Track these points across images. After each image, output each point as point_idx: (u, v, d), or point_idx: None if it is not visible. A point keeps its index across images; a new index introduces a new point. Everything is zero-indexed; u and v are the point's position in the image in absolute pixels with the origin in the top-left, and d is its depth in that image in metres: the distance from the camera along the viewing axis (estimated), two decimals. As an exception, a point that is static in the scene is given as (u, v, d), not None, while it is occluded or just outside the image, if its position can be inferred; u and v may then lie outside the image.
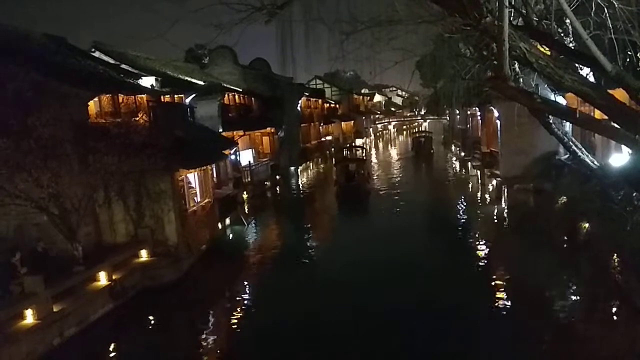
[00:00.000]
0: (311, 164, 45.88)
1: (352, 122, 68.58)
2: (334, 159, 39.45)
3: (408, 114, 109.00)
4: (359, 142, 63.82)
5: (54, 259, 13.19)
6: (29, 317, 10.99)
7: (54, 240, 13.85)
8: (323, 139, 54.06)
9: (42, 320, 11.06)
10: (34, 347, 10.67)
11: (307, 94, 48.31)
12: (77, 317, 12.07)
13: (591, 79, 6.96)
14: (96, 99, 16.53)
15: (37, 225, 13.99)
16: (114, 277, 13.67)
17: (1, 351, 9.96)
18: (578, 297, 12.84)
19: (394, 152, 62.23)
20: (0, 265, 12.12)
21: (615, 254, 12.89)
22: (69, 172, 13.27)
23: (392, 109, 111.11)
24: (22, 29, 19.66)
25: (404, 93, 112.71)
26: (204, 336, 12.47)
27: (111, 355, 11.63)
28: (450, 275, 14.73)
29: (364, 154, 36.83)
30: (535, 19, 6.46)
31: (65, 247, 13.77)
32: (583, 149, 8.45)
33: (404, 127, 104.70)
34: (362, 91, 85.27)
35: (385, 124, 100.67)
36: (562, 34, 6.96)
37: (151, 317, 13.60)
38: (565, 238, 16.59)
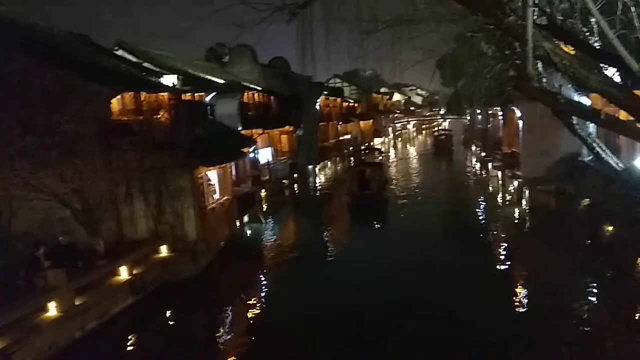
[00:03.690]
0: (329, 162, 45.87)
1: (371, 121, 68.28)
2: (351, 161, 39.01)
3: (428, 113, 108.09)
4: (377, 141, 63.52)
5: (77, 253, 13.44)
6: (52, 310, 11.23)
7: (76, 234, 14.13)
8: (341, 138, 53.94)
9: (64, 313, 11.30)
10: (56, 339, 10.90)
11: (326, 92, 48.19)
12: (98, 311, 12.29)
13: (617, 79, 6.81)
14: (119, 96, 16.78)
15: (61, 220, 14.30)
16: (134, 272, 13.87)
17: (25, 342, 10.20)
18: (601, 301, 12.59)
19: (413, 152, 61.80)
20: (25, 259, 12.44)
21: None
22: (91, 168, 13.53)
23: (412, 108, 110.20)
24: (47, 27, 20.08)
25: (423, 92, 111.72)
26: (220, 331, 12.61)
27: (131, 348, 11.81)
28: (473, 277, 14.60)
29: (381, 157, 36.14)
30: (559, 18, 6.36)
31: (87, 241, 14.04)
32: (607, 151, 8.28)
33: (424, 126, 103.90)
34: (381, 90, 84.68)
35: (405, 123, 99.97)
36: (587, 33, 6.84)
37: (170, 312, 13.78)
38: (588, 241, 16.28)
